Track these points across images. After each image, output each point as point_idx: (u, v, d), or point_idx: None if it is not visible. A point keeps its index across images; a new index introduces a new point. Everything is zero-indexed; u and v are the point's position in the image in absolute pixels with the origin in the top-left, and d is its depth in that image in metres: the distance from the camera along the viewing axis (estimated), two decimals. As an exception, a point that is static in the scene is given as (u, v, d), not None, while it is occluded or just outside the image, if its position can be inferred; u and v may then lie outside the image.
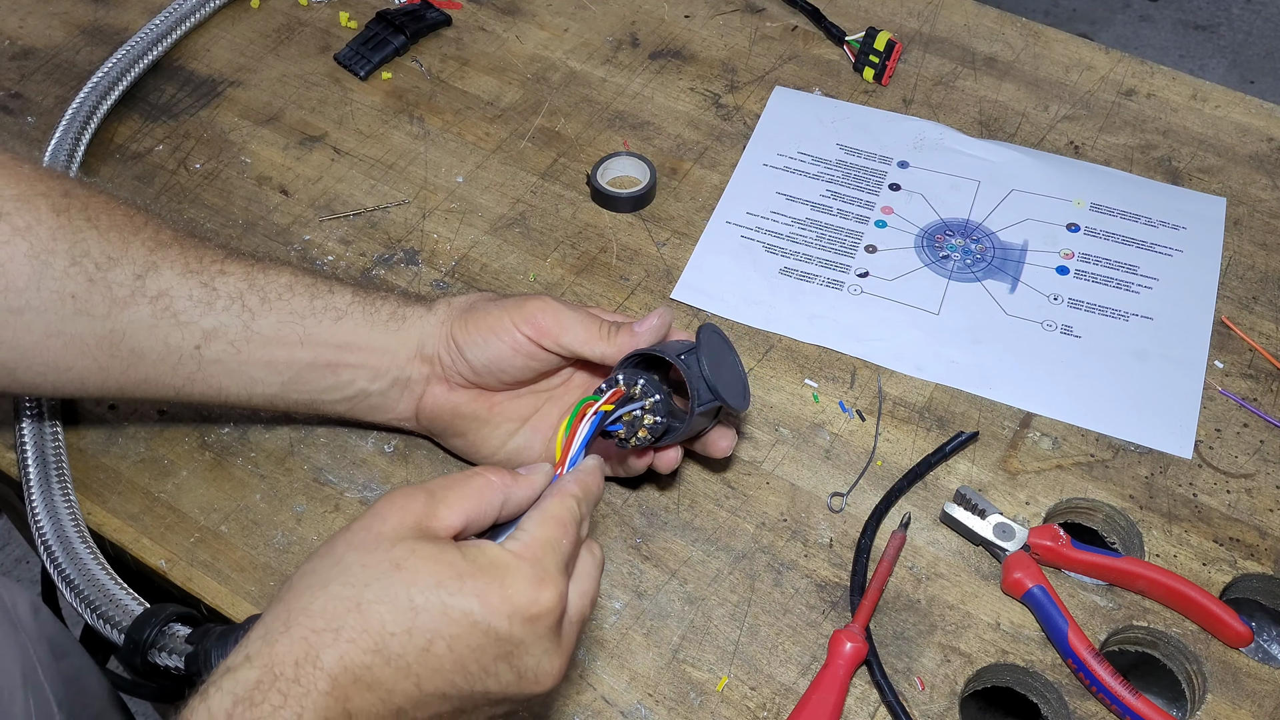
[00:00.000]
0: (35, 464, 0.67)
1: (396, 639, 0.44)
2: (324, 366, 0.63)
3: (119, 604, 0.62)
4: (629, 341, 0.60)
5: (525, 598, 0.46)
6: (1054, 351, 0.75)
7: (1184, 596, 0.63)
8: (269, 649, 0.44)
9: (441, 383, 0.64)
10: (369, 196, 0.84)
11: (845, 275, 0.79)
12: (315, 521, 0.67)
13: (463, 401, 0.64)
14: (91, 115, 0.83)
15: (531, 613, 0.46)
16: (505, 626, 0.45)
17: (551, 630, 0.47)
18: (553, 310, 0.61)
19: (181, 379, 0.62)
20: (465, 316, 0.62)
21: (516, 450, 0.65)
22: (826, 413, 0.73)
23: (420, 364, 0.64)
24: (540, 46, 0.95)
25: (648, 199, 0.83)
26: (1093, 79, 0.92)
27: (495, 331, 0.61)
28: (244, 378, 0.62)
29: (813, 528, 0.68)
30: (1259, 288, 0.79)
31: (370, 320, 0.63)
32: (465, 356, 0.62)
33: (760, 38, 0.95)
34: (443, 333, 0.63)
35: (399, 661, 0.44)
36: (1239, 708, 0.61)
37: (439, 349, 0.63)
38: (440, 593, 0.44)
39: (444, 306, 0.64)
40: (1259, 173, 0.85)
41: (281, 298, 0.62)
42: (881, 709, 0.61)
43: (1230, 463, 0.70)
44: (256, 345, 0.61)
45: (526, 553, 0.47)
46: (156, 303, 0.60)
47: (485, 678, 0.46)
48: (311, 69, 0.93)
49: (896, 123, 0.89)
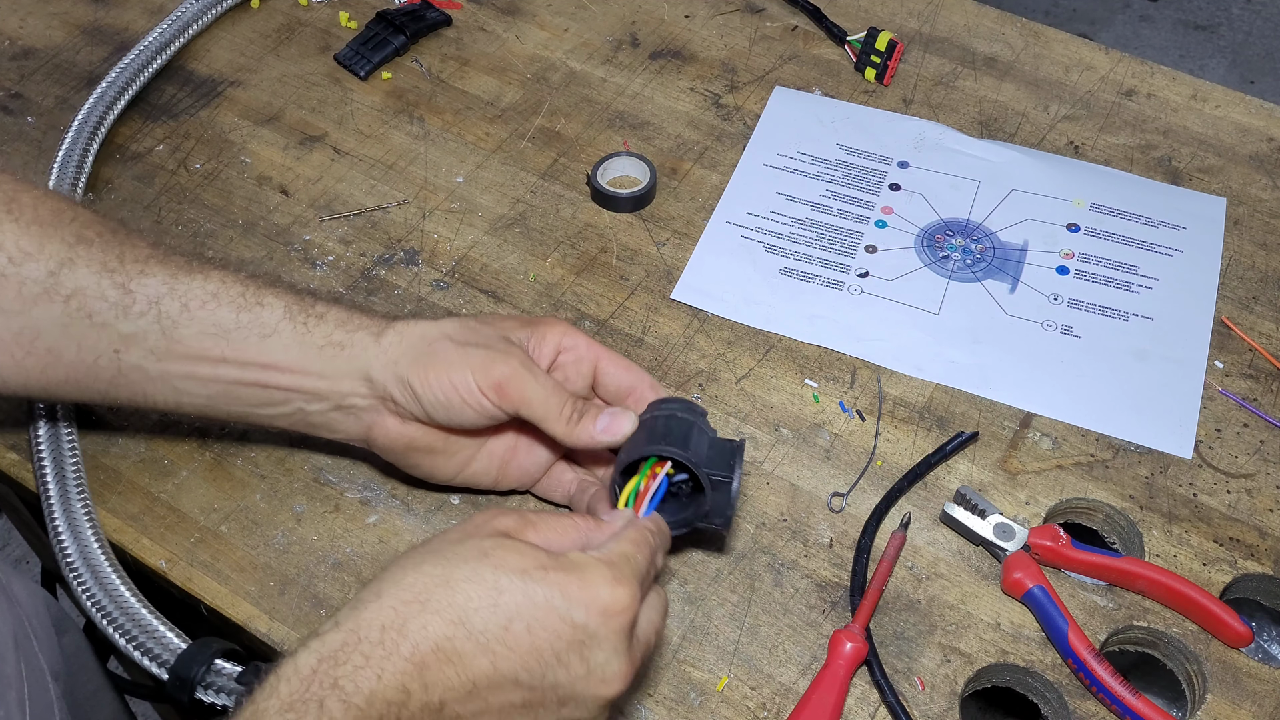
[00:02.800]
0: (55, 481, 0.66)
1: (479, 614, 0.46)
2: (252, 384, 0.59)
3: (158, 637, 0.61)
4: (591, 434, 0.58)
5: (603, 592, 0.48)
6: (1054, 351, 0.75)
7: (1184, 596, 0.63)
8: (356, 614, 0.46)
9: (393, 416, 0.60)
10: (369, 196, 0.84)
11: (845, 275, 0.79)
12: (315, 521, 0.67)
13: (417, 435, 0.61)
14: (99, 125, 0.83)
15: (608, 608, 0.48)
16: (583, 617, 0.48)
17: (624, 631, 0.49)
18: (520, 381, 0.57)
19: (103, 383, 0.59)
20: (424, 363, 0.58)
21: (474, 475, 0.64)
22: (826, 413, 0.73)
23: (369, 394, 0.60)
24: (540, 46, 0.95)
25: (648, 199, 0.83)
26: (1093, 79, 0.92)
27: (456, 388, 0.57)
28: (168, 388, 0.60)
29: (813, 528, 0.68)
30: (1259, 288, 0.79)
31: (301, 342, 0.59)
32: (422, 404, 0.58)
33: (760, 38, 0.95)
34: (394, 372, 0.58)
35: (480, 637, 0.46)
36: (1239, 708, 0.61)
37: (389, 386, 0.59)
38: (525, 579, 0.47)
39: (395, 339, 0.59)
40: (1259, 173, 0.85)
41: (205, 306, 0.58)
42: (881, 709, 0.61)
43: (1230, 463, 0.70)
44: (177, 357, 0.58)
45: (605, 558, 0.50)
46: (69, 302, 0.57)
47: (557, 667, 0.48)
48: (311, 69, 0.93)
49: (896, 123, 0.89)
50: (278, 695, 0.44)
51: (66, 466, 0.67)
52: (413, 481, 0.69)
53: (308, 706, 0.43)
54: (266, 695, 0.44)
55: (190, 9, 0.93)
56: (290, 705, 0.44)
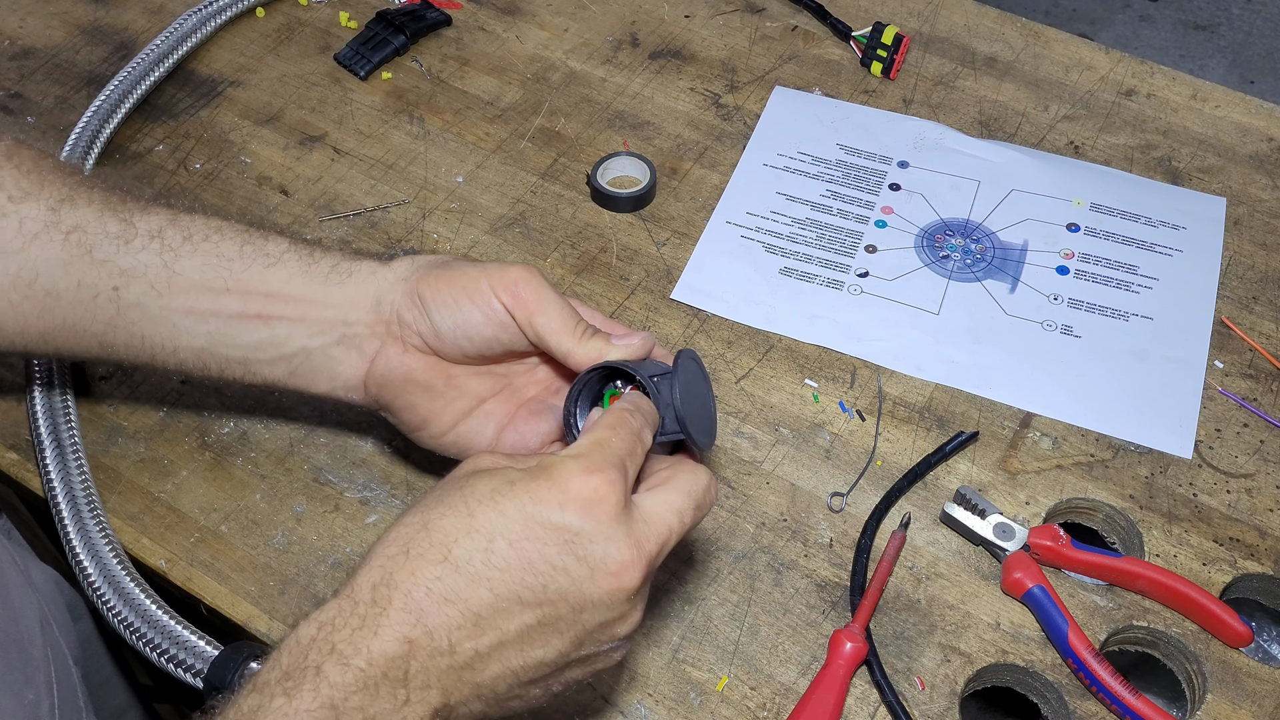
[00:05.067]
0: (65, 500, 0.66)
1: (459, 545, 0.46)
2: (254, 318, 0.58)
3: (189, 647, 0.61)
4: (600, 349, 0.55)
5: (575, 484, 0.47)
6: (1054, 351, 0.75)
7: (1184, 596, 0.63)
8: (350, 580, 0.46)
9: (396, 343, 0.58)
10: (369, 196, 0.84)
11: (845, 275, 0.79)
12: (315, 521, 0.67)
13: (417, 367, 0.58)
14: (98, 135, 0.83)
15: (584, 497, 0.47)
16: (560, 516, 0.46)
17: (614, 516, 0.47)
18: (535, 284, 0.55)
19: (101, 324, 0.58)
20: (436, 273, 0.57)
21: (467, 434, 0.60)
22: (826, 413, 0.73)
23: (374, 322, 0.58)
24: (540, 46, 0.95)
25: (648, 199, 0.83)
26: (1093, 79, 0.92)
27: (469, 293, 0.55)
28: (167, 326, 0.58)
29: (813, 528, 0.68)
30: (1259, 288, 0.79)
31: (307, 271, 0.58)
32: (431, 317, 0.56)
33: (760, 38, 0.95)
34: (405, 289, 0.57)
35: (466, 568, 0.46)
36: (1239, 708, 0.61)
37: (399, 306, 0.57)
38: (495, 496, 0.47)
39: (406, 263, 0.59)
40: (1259, 173, 0.85)
41: (209, 239, 0.58)
42: (881, 709, 0.61)
43: (1230, 463, 0.70)
44: (178, 290, 0.57)
45: (573, 451, 0.48)
46: (70, 237, 0.57)
47: (554, 573, 0.46)
48: (311, 69, 0.93)
49: (896, 123, 0.89)
50: (279, 666, 0.44)
51: (73, 475, 0.67)
52: (413, 481, 0.69)
53: (305, 674, 0.44)
54: (270, 668, 0.44)
55: (191, 18, 0.92)
56: (288, 674, 0.44)
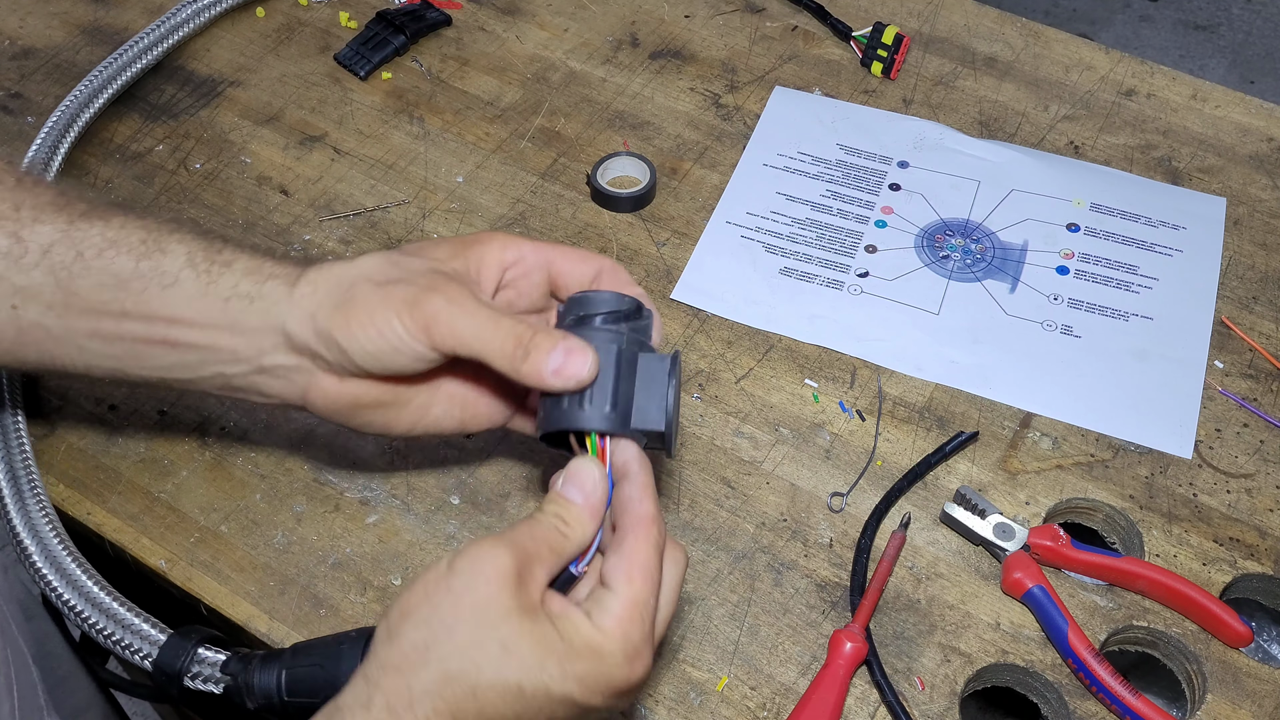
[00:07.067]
0: (7, 482, 0.65)
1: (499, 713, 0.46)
2: (160, 343, 0.54)
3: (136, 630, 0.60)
4: (538, 374, 0.50)
5: (619, 677, 0.47)
6: (1054, 351, 0.75)
7: (1184, 596, 0.63)
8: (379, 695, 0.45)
9: (328, 375, 0.54)
10: (369, 196, 0.84)
11: (845, 275, 0.79)
12: (315, 521, 0.67)
13: (360, 392, 0.54)
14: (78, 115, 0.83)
15: (624, 690, 0.48)
16: (599, 702, 0.47)
17: (633, 692, 0.49)
18: (448, 318, 0.50)
19: (8, 342, 0.54)
20: (344, 310, 0.52)
21: (436, 422, 0.57)
22: (826, 413, 0.73)
23: (292, 352, 0.54)
24: (540, 46, 0.95)
25: (648, 199, 0.83)
26: (1093, 79, 0.92)
27: (383, 334, 0.51)
28: (72, 347, 0.55)
29: (813, 528, 0.68)
30: (1259, 288, 0.79)
31: (205, 294, 0.53)
32: (352, 358, 0.52)
33: (760, 38, 0.95)
34: (313, 326, 0.52)
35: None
36: (1239, 708, 0.61)
37: (310, 342, 0.53)
38: (544, 678, 0.46)
39: (309, 289, 0.53)
40: (1259, 173, 0.85)
41: (102, 255, 0.53)
42: (881, 709, 0.61)
43: (1230, 463, 0.70)
44: (76, 312, 0.53)
45: (618, 630, 0.47)
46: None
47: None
48: (311, 69, 0.93)
49: (896, 123, 0.89)
50: None
51: (14, 457, 0.65)
52: (413, 481, 0.69)
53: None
54: None
55: (183, 11, 0.92)
56: None
